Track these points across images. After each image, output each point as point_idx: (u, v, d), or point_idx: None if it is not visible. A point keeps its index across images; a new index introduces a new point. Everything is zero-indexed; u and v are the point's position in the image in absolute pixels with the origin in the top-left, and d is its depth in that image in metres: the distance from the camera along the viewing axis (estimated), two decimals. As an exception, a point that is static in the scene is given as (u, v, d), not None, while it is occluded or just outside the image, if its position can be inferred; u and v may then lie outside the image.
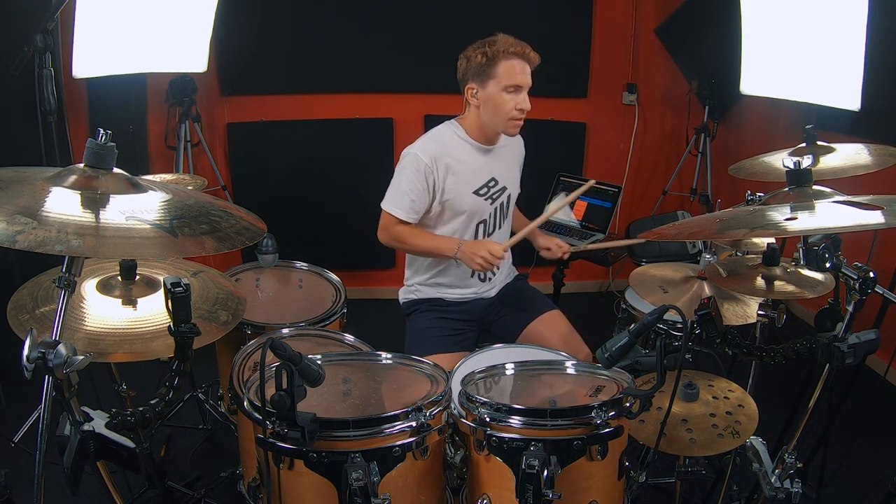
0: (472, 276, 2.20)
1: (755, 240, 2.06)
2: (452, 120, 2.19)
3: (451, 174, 2.10)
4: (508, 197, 2.23)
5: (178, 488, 2.24)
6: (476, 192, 2.15)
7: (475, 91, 2.07)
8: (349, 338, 1.80)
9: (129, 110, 3.41)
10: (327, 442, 1.29)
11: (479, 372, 1.56)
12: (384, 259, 4.12)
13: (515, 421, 1.36)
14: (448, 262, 2.19)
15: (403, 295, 2.33)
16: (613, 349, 1.39)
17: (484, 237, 2.20)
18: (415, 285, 2.28)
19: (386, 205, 2.12)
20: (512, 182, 2.24)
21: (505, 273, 2.31)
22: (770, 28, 3.30)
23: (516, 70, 2.01)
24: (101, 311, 1.43)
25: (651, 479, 2.01)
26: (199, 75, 3.43)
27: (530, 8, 3.81)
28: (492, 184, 2.17)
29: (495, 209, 2.20)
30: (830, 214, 1.33)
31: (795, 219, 1.27)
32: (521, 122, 2.09)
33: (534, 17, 3.82)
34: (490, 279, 2.25)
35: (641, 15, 4.00)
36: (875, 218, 1.21)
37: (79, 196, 1.13)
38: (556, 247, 2.25)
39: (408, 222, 2.10)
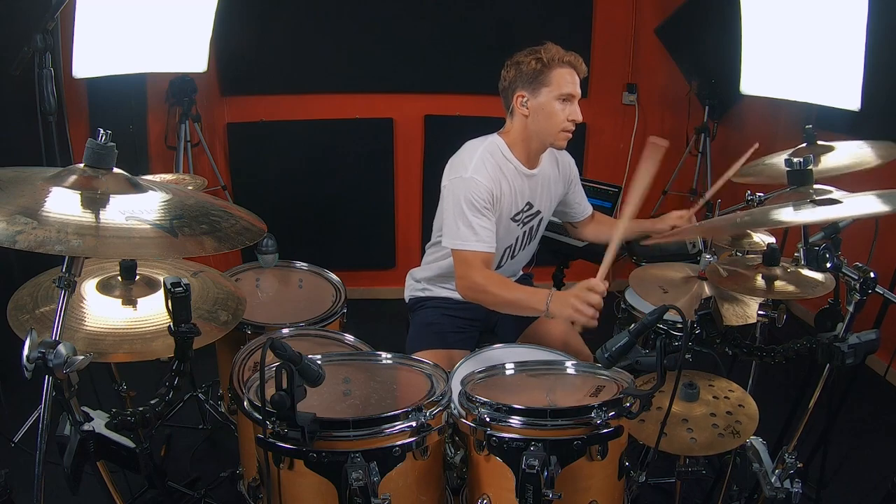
0: None
1: (756, 239, 2.06)
2: (495, 135, 2.06)
3: (502, 202, 2.02)
4: (540, 221, 2.17)
5: (178, 488, 2.24)
6: (513, 218, 2.08)
7: (525, 99, 1.96)
8: (349, 338, 1.80)
9: (129, 110, 3.40)
10: (327, 442, 1.29)
11: (479, 372, 1.56)
12: (384, 259, 4.13)
13: (515, 421, 1.36)
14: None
15: (409, 292, 2.32)
16: (613, 349, 1.39)
17: (509, 260, 2.16)
18: (423, 283, 2.27)
19: (462, 244, 1.91)
20: (546, 206, 2.17)
21: (510, 273, 2.30)
22: (770, 28, 3.30)
23: (569, 79, 1.94)
24: (101, 311, 1.43)
25: (651, 479, 2.01)
26: (199, 75, 3.43)
27: (530, 8, 3.81)
28: (526, 208, 2.11)
29: (524, 232, 2.15)
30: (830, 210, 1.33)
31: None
32: (571, 135, 2.01)
33: (534, 18, 3.81)
34: None
35: (641, 15, 4.00)
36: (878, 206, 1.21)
37: (79, 196, 1.13)
38: (679, 219, 2.19)
39: (489, 253, 1.94)
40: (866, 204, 1.39)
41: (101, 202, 1.14)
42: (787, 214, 1.39)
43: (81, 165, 1.19)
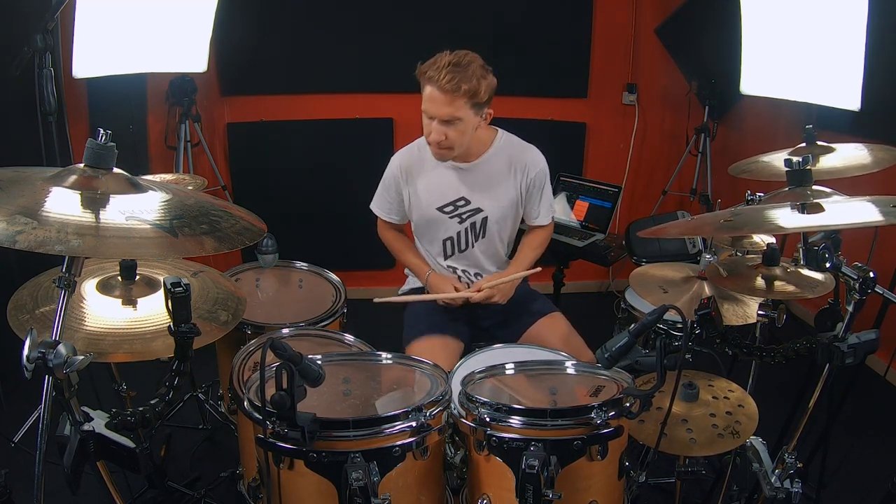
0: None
1: (755, 239, 2.06)
2: None
3: (417, 187, 2.13)
4: (484, 219, 2.15)
5: (178, 488, 2.24)
6: (440, 210, 2.13)
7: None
8: (349, 338, 1.80)
9: (129, 110, 3.41)
10: (327, 442, 1.29)
11: (479, 372, 1.56)
12: (384, 259, 4.06)
13: (515, 421, 1.36)
14: (439, 262, 2.25)
15: (404, 289, 2.37)
16: (613, 349, 1.38)
17: (454, 253, 2.20)
18: (411, 275, 2.35)
19: (372, 203, 2.28)
20: (492, 204, 2.13)
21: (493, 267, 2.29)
22: (770, 28, 3.30)
23: (427, 97, 1.93)
24: (101, 311, 1.43)
25: (651, 479, 2.01)
26: (199, 75, 3.43)
27: (531, 8, 3.81)
28: (461, 203, 2.12)
29: (465, 229, 2.16)
30: (839, 212, 1.33)
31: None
32: (446, 152, 1.99)
33: (534, 17, 3.81)
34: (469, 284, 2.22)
35: (641, 15, 4.00)
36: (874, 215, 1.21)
37: (79, 196, 1.13)
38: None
39: (390, 222, 2.27)
40: (859, 212, 1.39)
41: (101, 202, 1.14)
42: (775, 222, 1.38)
43: (81, 165, 1.19)
